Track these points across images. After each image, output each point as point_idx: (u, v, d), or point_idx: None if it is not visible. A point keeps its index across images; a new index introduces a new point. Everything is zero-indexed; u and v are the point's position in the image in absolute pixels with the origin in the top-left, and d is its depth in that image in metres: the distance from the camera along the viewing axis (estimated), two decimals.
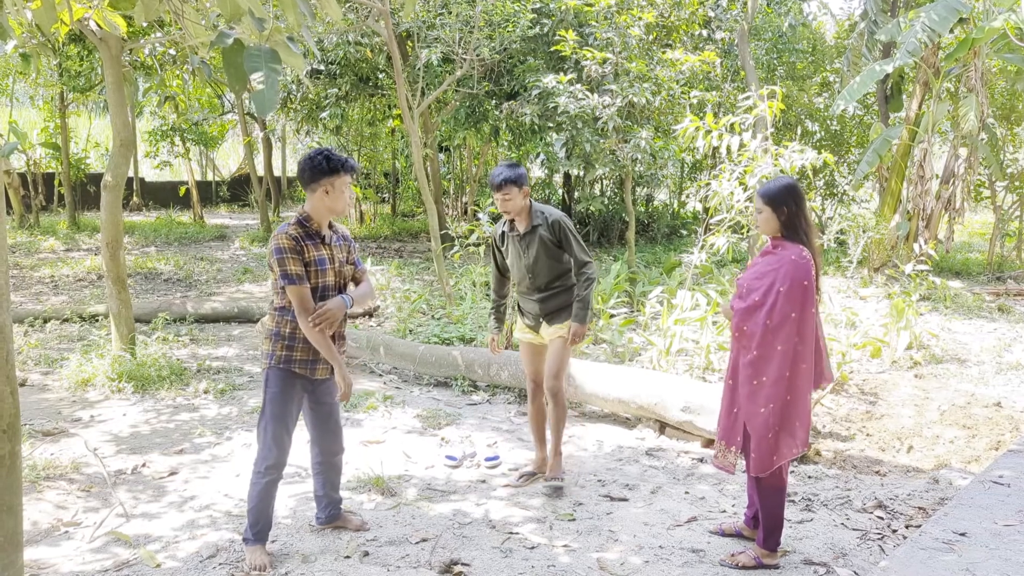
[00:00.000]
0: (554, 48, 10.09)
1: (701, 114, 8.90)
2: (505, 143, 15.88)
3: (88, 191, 18.51)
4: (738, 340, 3.30)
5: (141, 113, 19.59)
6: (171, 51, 12.26)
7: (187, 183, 19.40)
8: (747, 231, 6.92)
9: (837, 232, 9.73)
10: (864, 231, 10.09)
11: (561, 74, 9.49)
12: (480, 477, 4.48)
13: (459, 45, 9.74)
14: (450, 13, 9.73)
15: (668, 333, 6.48)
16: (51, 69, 14.48)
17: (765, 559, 3.36)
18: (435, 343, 6.95)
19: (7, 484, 2.45)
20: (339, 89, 12.85)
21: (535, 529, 3.78)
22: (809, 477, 4.49)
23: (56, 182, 17.84)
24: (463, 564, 3.39)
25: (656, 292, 7.58)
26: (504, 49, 10.42)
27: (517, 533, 3.73)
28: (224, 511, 3.97)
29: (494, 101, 12.22)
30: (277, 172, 22.44)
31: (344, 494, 3.92)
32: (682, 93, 9.92)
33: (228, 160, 29.30)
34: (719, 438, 3.44)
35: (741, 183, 6.56)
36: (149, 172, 23.14)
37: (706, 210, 11.03)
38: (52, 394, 6.01)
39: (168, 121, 17.62)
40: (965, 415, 5.57)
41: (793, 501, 4.08)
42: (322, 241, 3.34)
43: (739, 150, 6.66)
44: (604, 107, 9.20)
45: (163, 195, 21.89)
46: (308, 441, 3.67)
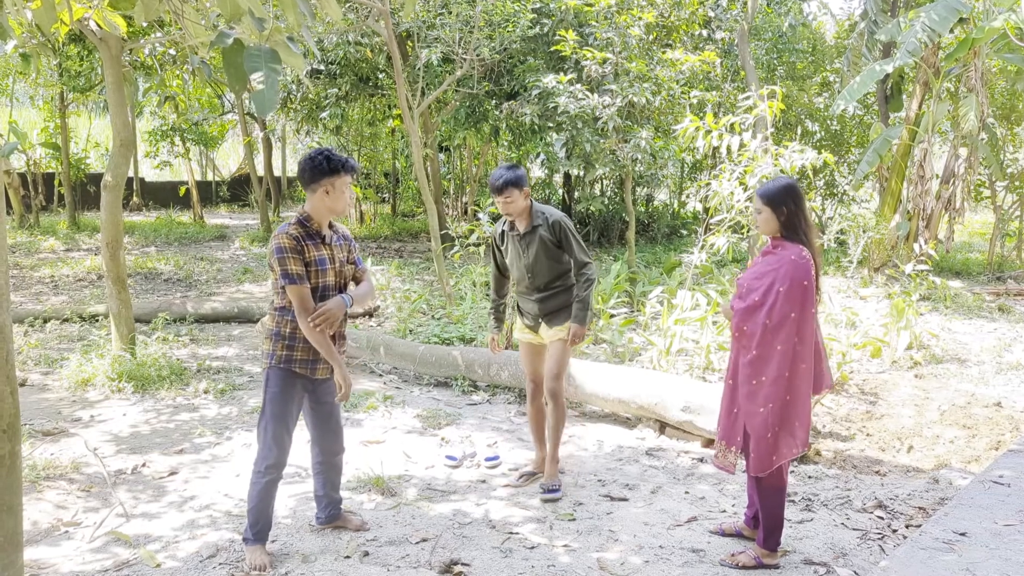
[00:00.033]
0: (554, 48, 10.09)
1: (701, 114, 8.90)
2: (505, 143, 15.88)
3: (88, 191, 18.51)
4: (738, 340, 3.30)
5: (141, 113, 19.60)
6: (171, 51, 12.27)
7: (187, 183, 19.40)
8: (747, 231, 6.92)
9: (837, 232, 9.73)
10: (864, 231, 10.09)
11: (561, 74, 9.49)
12: (480, 477, 4.48)
13: (459, 45, 9.74)
14: (450, 13, 9.73)
15: (668, 333, 6.48)
16: (51, 69, 14.48)
17: (765, 559, 3.36)
18: (435, 343, 6.96)
19: (7, 484, 2.45)
20: (339, 89, 12.84)
21: (535, 529, 3.78)
22: (809, 477, 4.49)
23: (56, 182, 17.84)
24: (463, 564, 3.39)
25: (656, 292, 7.59)
26: (504, 49, 10.42)
27: (517, 533, 3.73)
28: (224, 511, 3.97)
29: (494, 101, 12.22)
30: (277, 172, 22.44)
31: (344, 494, 3.92)
32: (682, 93, 9.92)
33: (228, 160, 29.31)
34: (719, 438, 3.44)
35: (741, 183, 6.56)
36: (149, 172, 23.14)
37: (706, 210, 11.03)
38: (52, 394, 6.01)
39: (168, 121, 17.62)
40: (965, 415, 5.57)
41: (793, 501, 4.08)
42: (323, 241, 3.35)
43: (739, 150, 6.66)
44: (604, 107, 9.20)
45: (163, 195, 21.90)
46: (308, 441, 3.67)
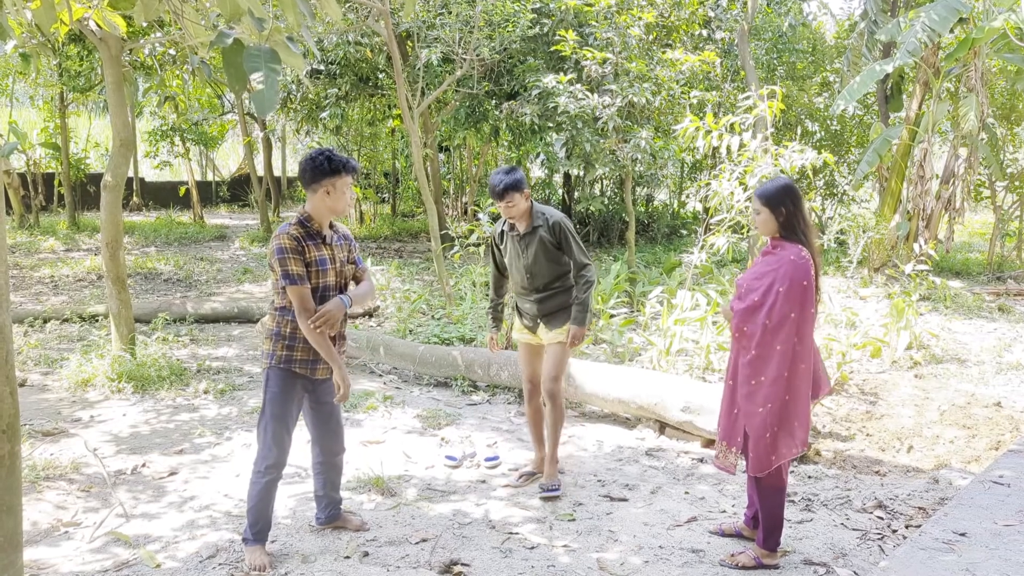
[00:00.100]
0: (554, 48, 10.08)
1: (701, 114, 8.91)
2: (505, 143, 15.89)
3: (88, 191, 18.52)
4: (738, 341, 3.30)
5: (141, 113, 19.59)
6: (171, 51, 12.26)
7: (187, 183, 19.40)
8: (747, 231, 6.92)
9: (837, 232, 9.73)
10: (864, 231, 10.09)
11: (561, 74, 9.48)
12: (480, 477, 4.48)
13: (459, 45, 9.74)
14: (450, 13, 9.73)
15: (668, 333, 6.48)
16: (51, 69, 14.48)
17: (765, 559, 3.36)
18: (435, 343, 6.96)
19: (7, 484, 2.45)
20: (339, 89, 12.84)
21: (535, 529, 3.78)
22: (809, 477, 4.49)
23: (56, 182, 17.84)
24: (463, 564, 3.39)
25: (656, 292, 7.59)
26: (504, 49, 10.42)
27: (517, 533, 3.73)
28: (224, 511, 3.97)
29: (494, 101, 12.22)
30: (277, 172, 22.44)
31: (344, 494, 3.92)
32: (682, 93, 9.91)
33: (228, 160, 29.31)
34: (720, 438, 3.44)
35: (741, 183, 6.56)
36: (149, 172, 23.14)
37: (706, 210, 11.03)
38: (52, 394, 6.01)
39: (168, 121, 17.61)
40: (965, 415, 5.57)
41: (793, 501, 4.08)
42: (323, 241, 3.35)
43: (739, 150, 6.67)
44: (604, 107, 9.20)
45: (163, 195, 21.90)
46: (308, 441, 3.67)
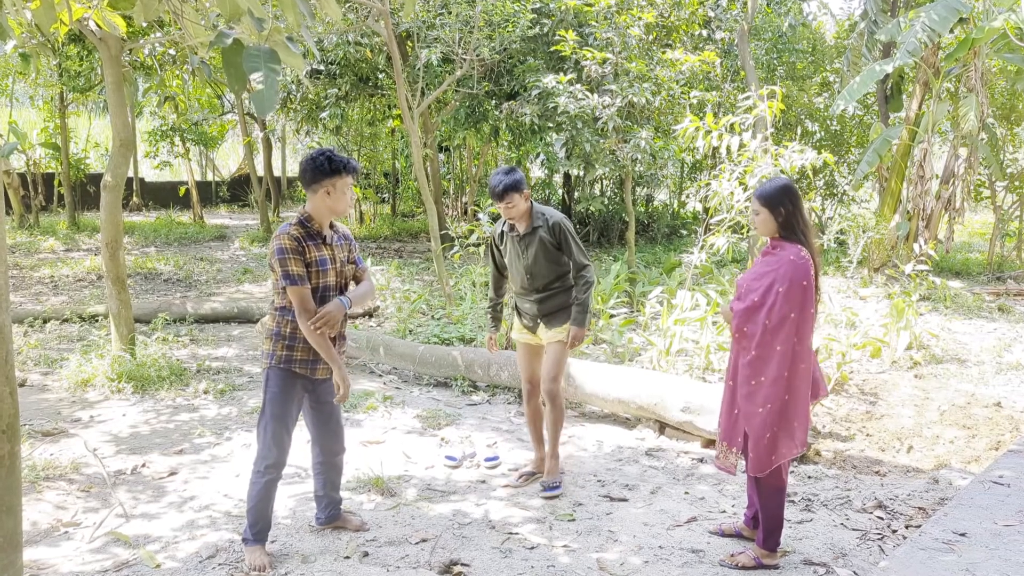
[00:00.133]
0: (554, 48, 10.08)
1: (701, 114, 8.91)
2: (505, 143, 15.89)
3: (88, 191, 18.52)
4: (738, 341, 3.30)
5: (141, 113, 19.60)
6: (171, 51, 12.27)
7: (187, 183, 19.40)
8: (747, 231, 6.92)
9: (837, 232, 9.72)
10: (864, 231, 10.08)
11: (561, 74, 9.48)
12: (480, 477, 4.48)
13: (459, 45, 9.74)
14: (450, 13, 9.73)
15: (668, 333, 6.47)
16: (51, 69, 14.48)
17: (765, 559, 3.36)
18: (435, 343, 6.96)
19: (7, 484, 2.45)
20: (339, 89, 12.84)
21: (535, 529, 3.78)
22: (809, 477, 4.49)
23: (56, 182, 17.84)
24: (463, 564, 3.39)
25: (656, 292, 7.58)
26: (504, 49, 10.42)
27: (517, 533, 3.73)
28: (224, 511, 3.97)
29: (494, 101, 12.22)
30: (277, 172, 22.45)
31: (344, 494, 3.92)
32: (682, 93, 9.91)
33: (228, 160, 29.32)
34: (720, 439, 3.44)
35: (741, 183, 6.56)
36: (149, 172, 23.15)
37: (706, 210, 11.03)
38: (52, 394, 6.01)
39: (168, 121, 17.62)
40: (965, 415, 5.57)
41: (793, 501, 4.08)
42: (323, 241, 3.35)
43: (739, 150, 6.67)
44: (604, 107, 9.19)
45: (163, 195, 21.91)
46: (308, 441, 3.67)
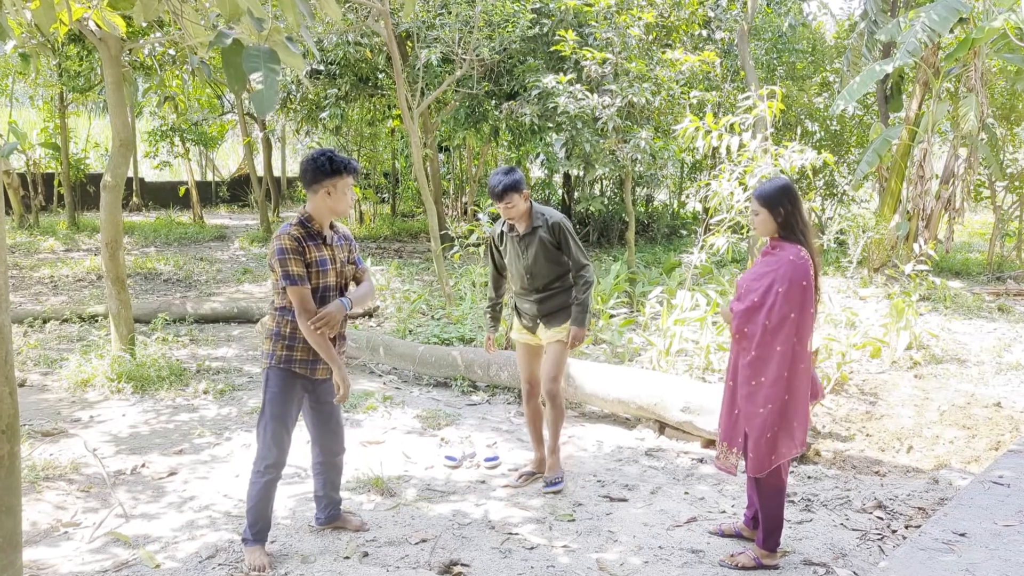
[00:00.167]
0: (554, 48, 10.08)
1: (701, 114, 8.91)
2: (505, 143, 15.89)
3: (88, 191, 18.52)
4: (738, 342, 3.30)
5: (141, 113, 19.59)
6: (171, 51, 12.27)
7: (187, 183, 19.40)
8: (747, 231, 6.92)
9: (837, 232, 9.73)
10: (864, 231, 10.08)
11: (561, 74, 9.48)
12: (480, 477, 4.48)
13: (459, 45, 9.74)
14: (450, 13, 9.73)
15: (668, 333, 6.47)
16: (51, 69, 14.48)
17: (765, 559, 3.35)
18: (435, 343, 6.95)
19: (6, 485, 2.45)
20: (339, 89, 12.85)
21: (534, 529, 3.78)
22: (809, 477, 4.48)
23: (56, 182, 17.84)
24: (463, 564, 3.39)
25: (656, 292, 7.58)
26: (504, 49, 10.42)
27: (517, 533, 3.72)
28: (223, 511, 3.97)
29: (494, 101, 12.22)
30: (277, 172, 22.44)
31: (344, 495, 3.92)
32: (682, 93, 9.92)
33: (228, 160, 29.32)
34: (720, 439, 3.44)
35: (741, 183, 6.56)
36: (149, 172, 23.15)
37: (706, 210, 11.03)
38: (51, 394, 6.00)
39: (168, 121, 17.62)
40: (965, 415, 5.56)
41: (793, 501, 4.08)
42: (324, 242, 3.35)
43: (739, 150, 6.67)
44: (604, 107, 9.20)
45: (163, 195, 21.91)
46: (308, 441, 3.67)
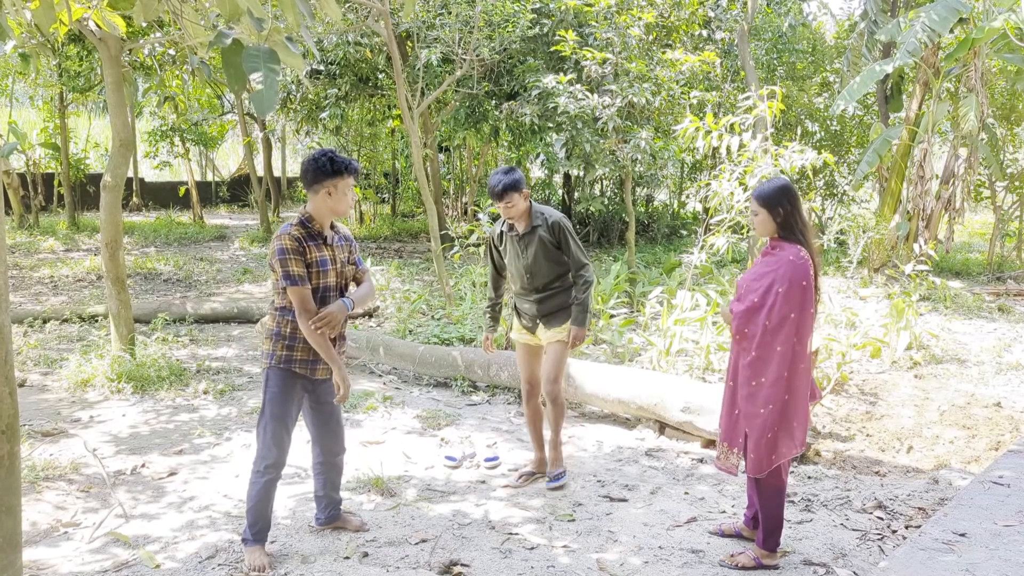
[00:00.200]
0: (554, 48, 10.08)
1: (701, 114, 8.91)
2: (505, 143, 15.88)
3: (88, 191, 18.52)
4: (738, 343, 3.30)
5: (141, 113, 19.59)
6: (171, 51, 12.26)
7: (187, 183, 19.40)
8: (747, 231, 6.92)
9: (837, 232, 9.72)
10: (864, 231, 10.08)
11: (561, 74, 9.48)
12: (480, 477, 4.48)
13: (459, 45, 9.73)
14: (450, 13, 9.73)
15: (668, 333, 6.47)
16: (50, 69, 14.48)
17: (765, 560, 3.35)
18: (435, 343, 6.95)
19: (6, 485, 2.45)
20: (339, 89, 12.84)
21: (535, 530, 3.78)
22: (809, 477, 4.48)
23: (56, 182, 17.84)
24: (463, 565, 3.39)
25: (656, 292, 7.58)
26: (504, 49, 10.42)
27: (517, 534, 3.72)
28: (223, 512, 3.97)
29: (494, 101, 12.22)
30: (277, 172, 22.44)
31: (344, 495, 3.91)
32: (682, 93, 9.92)
33: (228, 160, 29.32)
34: (721, 440, 3.44)
35: (741, 183, 6.56)
36: (149, 172, 23.15)
37: (706, 210, 11.03)
38: (51, 394, 6.00)
39: (168, 121, 17.62)
40: (965, 415, 5.56)
41: (793, 501, 4.08)
42: (324, 242, 3.35)
43: (739, 150, 6.66)
44: (604, 107, 9.19)
45: (163, 195, 21.91)
46: (308, 441, 3.67)
